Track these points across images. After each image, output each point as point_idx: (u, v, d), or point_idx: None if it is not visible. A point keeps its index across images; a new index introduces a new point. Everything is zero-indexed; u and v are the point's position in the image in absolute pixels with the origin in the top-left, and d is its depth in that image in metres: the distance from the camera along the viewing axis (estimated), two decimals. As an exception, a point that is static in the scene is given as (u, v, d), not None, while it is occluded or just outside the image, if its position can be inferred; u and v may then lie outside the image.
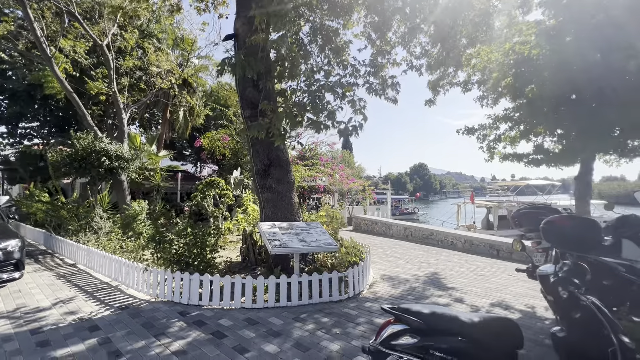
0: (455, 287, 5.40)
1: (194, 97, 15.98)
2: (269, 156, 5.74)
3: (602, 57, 3.54)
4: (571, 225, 3.12)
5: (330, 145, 22.82)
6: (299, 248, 4.56)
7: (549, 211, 4.17)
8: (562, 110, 4.78)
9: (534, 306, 4.52)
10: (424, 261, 7.73)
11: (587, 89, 3.84)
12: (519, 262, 7.61)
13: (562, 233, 3.12)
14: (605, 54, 3.54)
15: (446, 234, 10.54)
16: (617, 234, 4.14)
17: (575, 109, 4.52)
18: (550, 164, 5.51)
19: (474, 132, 6.91)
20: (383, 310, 2.21)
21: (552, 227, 3.19)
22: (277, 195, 5.73)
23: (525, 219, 4.29)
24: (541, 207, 4.27)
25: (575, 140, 4.58)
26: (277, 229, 4.99)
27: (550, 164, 5.52)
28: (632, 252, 3.90)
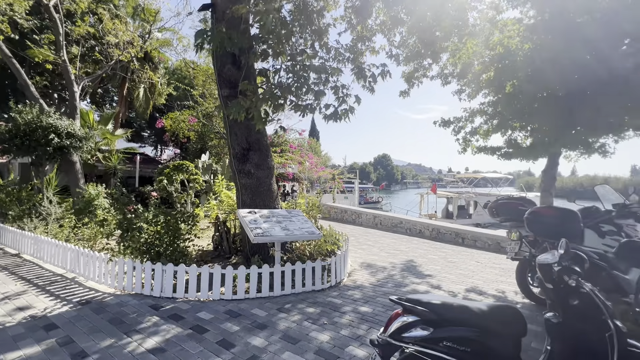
0: (431, 274, 5.58)
1: (156, 74, 14.74)
2: (248, 139, 5.42)
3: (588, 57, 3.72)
4: (554, 215, 3.29)
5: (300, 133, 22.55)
6: (283, 236, 4.38)
7: (526, 202, 4.40)
8: (536, 107, 5.00)
9: (504, 291, 4.80)
10: (397, 249, 7.92)
11: (567, 87, 4.02)
12: (483, 249, 8.09)
13: (546, 223, 3.29)
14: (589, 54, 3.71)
15: (414, 223, 10.91)
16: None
17: (550, 106, 4.75)
18: (520, 158, 5.81)
19: (450, 124, 7.08)
20: (391, 301, 2.14)
21: (536, 217, 3.35)
22: (256, 181, 5.45)
23: (502, 209, 4.49)
24: (518, 198, 4.48)
25: (546, 136, 4.83)
26: (257, 216, 4.76)
27: (520, 158, 5.82)
28: (593, 241, 4.25)
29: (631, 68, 3.66)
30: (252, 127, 5.38)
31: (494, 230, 9.60)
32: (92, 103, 17.81)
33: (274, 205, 5.62)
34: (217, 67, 5.41)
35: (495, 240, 8.14)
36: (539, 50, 3.80)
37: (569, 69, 4.01)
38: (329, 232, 6.36)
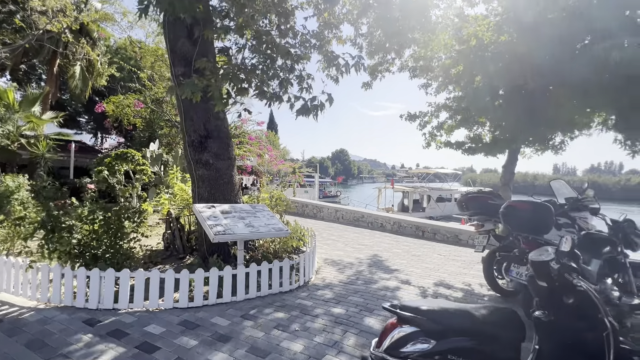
0: (399, 269, 5.51)
1: (95, 50, 13.00)
2: (206, 126, 4.83)
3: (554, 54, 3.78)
4: (530, 209, 3.29)
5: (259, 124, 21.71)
6: (247, 234, 3.93)
7: (495, 196, 4.45)
8: (501, 103, 5.09)
9: (470, 283, 4.86)
10: (361, 243, 7.82)
11: (535, 84, 4.08)
12: (442, 242, 8.32)
13: (522, 217, 3.28)
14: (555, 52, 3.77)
15: (376, 217, 10.97)
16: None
17: (515, 102, 4.85)
18: (483, 153, 5.96)
19: (416, 118, 7.08)
20: (385, 309, 1.88)
21: (513, 211, 3.33)
22: (215, 172, 4.89)
23: (472, 203, 4.49)
24: (487, 192, 4.53)
25: (510, 132, 4.93)
26: (218, 212, 4.24)
27: (483, 153, 5.96)
28: (551, 233, 4.44)
29: (592, 68, 3.78)
30: (211, 112, 4.80)
31: (451, 224, 10.00)
32: (13, 80, 15.26)
33: (235, 199, 5.11)
34: (170, 41, 4.71)
35: (453, 233, 8.42)
36: (511, 44, 3.78)
37: (537, 65, 4.06)
38: (294, 227, 6.00)
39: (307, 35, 5.57)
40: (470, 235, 7.95)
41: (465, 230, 8.18)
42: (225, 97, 4.21)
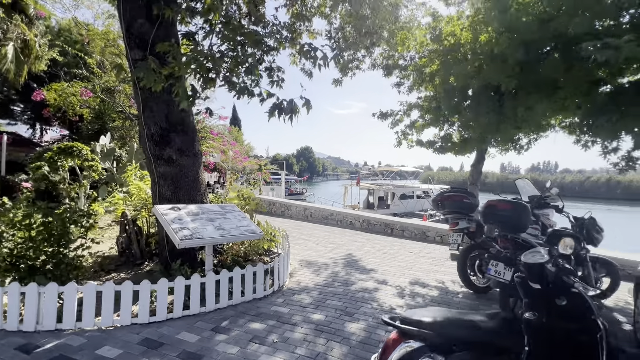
0: (374, 269, 5.44)
1: (32, 30, 11.45)
2: (169, 118, 4.35)
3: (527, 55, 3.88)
4: (511, 209, 3.33)
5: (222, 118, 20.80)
6: (217, 238, 3.58)
7: (469, 195, 4.51)
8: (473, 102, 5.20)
9: (443, 281, 4.91)
10: (332, 242, 7.70)
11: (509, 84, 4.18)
12: (410, 239, 8.47)
13: (503, 216, 3.31)
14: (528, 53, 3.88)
15: (345, 214, 10.94)
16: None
17: (487, 102, 4.97)
18: (454, 152, 6.09)
19: (387, 117, 7.08)
20: (384, 322, 1.71)
21: (494, 210, 3.35)
22: (179, 170, 4.43)
23: (448, 202, 4.52)
24: (462, 190, 4.58)
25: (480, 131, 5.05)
26: (183, 213, 3.82)
27: (453, 152, 6.09)
28: None
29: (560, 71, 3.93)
30: (174, 102, 4.33)
31: (414, 220, 10.25)
32: None
33: (202, 199, 4.69)
34: (126, 20, 4.16)
35: (420, 230, 8.60)
36: (489, 44, 3.82)
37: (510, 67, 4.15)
38: (265, 228, 5.69)
39: (277, 27, 5.26)
40: (438, 232, 8.17)
41: (433, 227, 8.39)
42: (191, 93, 3.78)
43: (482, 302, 4.10)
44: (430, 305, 3.95)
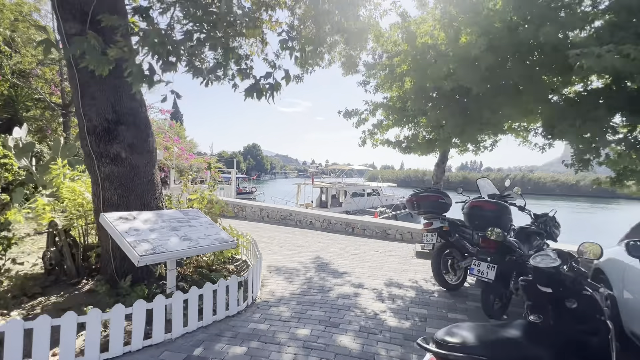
0: (346, 272, 5.28)
1: None
2: (116, 108, 3.63)
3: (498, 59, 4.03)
4: (494, 209, 3.39)
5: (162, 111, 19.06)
6: (186, 250, 3.06)
7: (444, 195, 4.58)
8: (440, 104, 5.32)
9: (416, 280, 4.94)
10: (296, 244, 7.40)
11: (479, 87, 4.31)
12: (372, 237, 8.56)
13: (487, 216, 3.36)
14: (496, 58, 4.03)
15: (305, 214, 10.69)
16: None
17: (455, 104, 5.12)
18: (419, 152, 6.21)
19: (352, 115, 7.00)
20: (421, 347, 1.50)
21: (479, 211, 3.39)
22: (129, 170, 3.74)
23: (424, 202, 4.53)
24: (436, 190, 4.63)
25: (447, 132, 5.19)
26: (138, 222, 3.20)
27: (419, 152, 6.21)
28: None
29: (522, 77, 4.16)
30: (124, 89, 3.65)
31: (379, 219, 10.44)
32: None
33: (158, 204, 4.04)
34: (57, -16, 3.35)
35: (381, 228, 8.75)
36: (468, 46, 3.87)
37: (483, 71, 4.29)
38: (229, 231, 5.17)
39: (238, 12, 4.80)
40: (398, 230, 8.37)
41: (394, 225, 8.58)
42: (147, 73, 3.17)
43: (457, 300, 4.19)
44: (412, 307, 3.91)
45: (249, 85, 3.42)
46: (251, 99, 3.61)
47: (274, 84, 3.44)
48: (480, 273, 3.33)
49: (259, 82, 3.50)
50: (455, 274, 4.52)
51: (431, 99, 5.50)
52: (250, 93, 3.44)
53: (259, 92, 3.37)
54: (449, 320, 3.59)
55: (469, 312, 3.82)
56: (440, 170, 6.15)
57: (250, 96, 3.39)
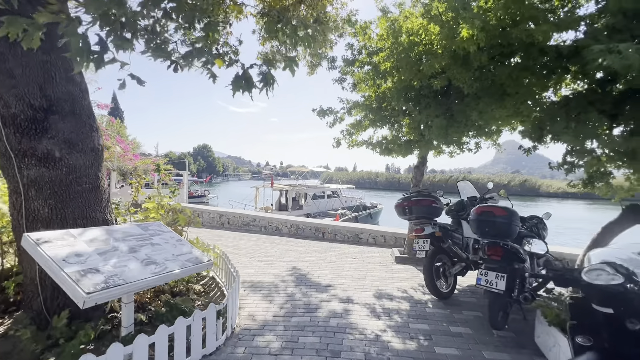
0: (330, 284, 4.81)
1: None
2: (47, 90, 2.75)
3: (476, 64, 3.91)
4: (506, 215, 3.16)
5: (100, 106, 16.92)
6: (152, 279, 2.33)
7: (437, 199, 4.34)
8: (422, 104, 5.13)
9: (404, 289, 4.64)
10: (267, 254, 6.76)
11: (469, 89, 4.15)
12: (343, 242, 8.22)
13: (499, 223, 3.13)
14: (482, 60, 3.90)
15: (270, 219, 10.02)
16: (457, 216, 4.92)
17: (440, 105, 4.95)
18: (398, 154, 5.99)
19: (327, 114, 6.59)
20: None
21: (491, 217, 3.14)
22: (66, 174, 2.86)
23: (417, 207, 4.25)
24: (428, 195, 4.37)
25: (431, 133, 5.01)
26: (81, 244, 2.39)
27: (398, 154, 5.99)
28: (468, 231, 4.73)
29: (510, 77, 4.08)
30: (57, 67, 2.79)
31: (351, 223, 10.13)
32: None
33: (105, 216, 3.18)
34: None
35: (353, 232, 8.45)
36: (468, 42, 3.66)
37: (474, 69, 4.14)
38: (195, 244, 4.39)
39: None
40: (371, 234, 8.13)
41: (366, 229, 8.33)
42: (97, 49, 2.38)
43: (452, 310, 3.95)
44: (412, 322, 3.57)
45: (236, 76, 2.78)
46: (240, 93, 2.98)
47: (266, 74, 2.84)
48: (489, 284, 3.09)
49: (246, 72, 2.87)
50: (446, 281, 4.31)
51: (414, 99, 5.29)
52: (238, 86, 2.80)
53: (248, 83, 2.75)
54: (454, 335, 3.32)
55: (469, 323, 3.59)
56: (420, 173, 5.99)
57: (239, 89, 2.76)
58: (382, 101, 6.01)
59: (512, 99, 4.37)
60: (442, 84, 4.29)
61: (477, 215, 3.27)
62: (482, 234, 3.26)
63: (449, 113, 5.01)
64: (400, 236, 7.75)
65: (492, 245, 3.16)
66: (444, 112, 5.04)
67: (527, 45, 4.12)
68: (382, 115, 5.95)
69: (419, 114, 5.05)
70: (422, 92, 5.12)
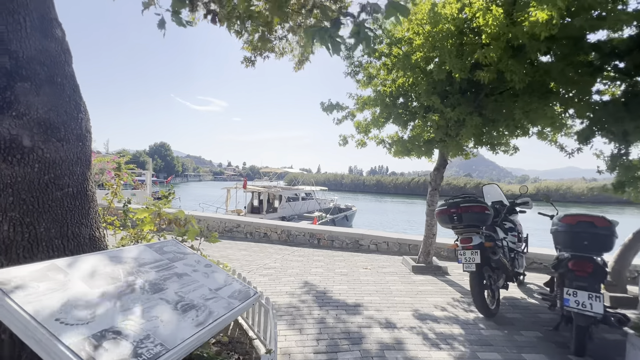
0: (358, 303, 4.15)
1: None
2: (10, 43, 1.79)
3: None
4: (610, 226, 2.73)
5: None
6: (200, 336, 1.50)
7: (487, 205, 3.86)
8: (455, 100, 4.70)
9: (443, 307, 4.11)
10: (266, 266, 5.93)
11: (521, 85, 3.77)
12: (342, 249, 7.60)
13: (601, 235, 2.68)
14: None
15: (257, 225, 9.10)
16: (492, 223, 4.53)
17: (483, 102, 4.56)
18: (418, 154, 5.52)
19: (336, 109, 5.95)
20: None
21: (593, 229, 2.69)
22: (39, 172, 1.91)
23: (467, 214, 3.74)
24: (478, 200, 3.88)
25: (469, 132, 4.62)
26: (78, 283, 1.50)
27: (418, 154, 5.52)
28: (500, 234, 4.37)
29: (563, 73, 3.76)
30: (26, 9, 1.85)
31: (349, 229, 9.52)
32: None
33: (93, 232, 2.24)
34: None
35: (353, 238, 7.86)
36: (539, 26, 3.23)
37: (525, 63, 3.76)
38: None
39: None
40: (372, 239, 7.60)
41: (367, 234, 7.78)
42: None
43: (510, 331, 3.49)
44: (479, 351, 3.04)
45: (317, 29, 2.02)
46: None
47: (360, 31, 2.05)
48: (581, 305, 2.65)
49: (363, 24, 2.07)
50: (493, 296, 3.86)
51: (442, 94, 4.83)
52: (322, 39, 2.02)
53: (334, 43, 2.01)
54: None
55: (539, 348, 3.13)
56: (440, 176, 5.55)
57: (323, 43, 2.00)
58: (397, 97, 5.50)
59: (556, 97, 4.05)
60: (492, 77, 3.85)
61: (572, 227, 2.83)
62: (578, 248, 2.82)
63: (479, 111, 4.62)
64: (404, 242, 7.31)
65: (581, 260, 2.73)
66: (475, 109, 4.64)
67: (576, 38, 3.81)
68: (398, 112, 5.43)
69: (451, 111, 4.58)
70: (452, 87, 4.68)
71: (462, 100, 4.70)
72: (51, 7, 1.99)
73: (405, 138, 5.53)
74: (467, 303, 4.25)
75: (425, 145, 5.35)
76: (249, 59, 8.15)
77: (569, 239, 2.89)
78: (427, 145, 5.34)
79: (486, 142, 4.79)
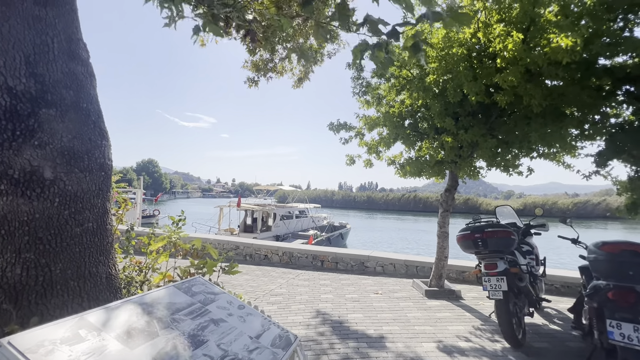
0: (380, 335, 3.93)
1: None
2: (36, 66, 1.62)
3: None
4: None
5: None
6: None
7: (512, 230, 3.77)
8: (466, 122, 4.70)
9: (467, 338, 3.93)
10: (271, 292, 5.66)
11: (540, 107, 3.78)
12: (347, 272, 7.36)
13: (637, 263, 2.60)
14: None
15: (258, 247, 8.79)
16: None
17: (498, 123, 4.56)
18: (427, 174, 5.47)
19: (345, 129, 5.91)
20: None
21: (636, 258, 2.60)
22: (58, 206, 1.71)
23: (493, 239, 3.63)
24: (501, 225, 3.78)
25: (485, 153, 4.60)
26: (112, 340, 1.28)
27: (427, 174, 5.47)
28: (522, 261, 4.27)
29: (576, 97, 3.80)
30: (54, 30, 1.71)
31: (353, 250, 9.29)
32: None
33: (110, 270, 2.02)
34: None
35: (358, 260, 7.65)
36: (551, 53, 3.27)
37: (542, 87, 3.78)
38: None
39: None
40: (378, 262, 7.40)
41: (373, 256, 7.58)
42: None
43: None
44: (518, 390, 2.85)
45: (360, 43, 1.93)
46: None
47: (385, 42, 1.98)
48: (627, 338, 2.52)
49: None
50: (520, 324, 3.71)
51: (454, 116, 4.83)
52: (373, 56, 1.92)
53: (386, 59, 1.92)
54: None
55: (577, 382, 2.98)
56: (451, 197, 5.48)
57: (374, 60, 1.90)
58: (405, 118, 5.49)
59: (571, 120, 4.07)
60: (509, 100, 3.85)
61: (615, 256, 2.73)
62: (622, 278, 2.71)
63: (491, 132, 4.63)
64: (411, 264, 7.14)
65: (623, 290, 2.62)
66: (487, 131, 4.64)
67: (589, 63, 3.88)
68: (406, 133, 5.41)
69: (465, 133, 4.57)
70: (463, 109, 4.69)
71: (474, 122, 4.70)
72: (78, 27, 1.85)
73: (413, 158, 5.49)
74: (490, 332, 4.08)
75: (436, 166, 5.30)
76: (252, 79, 8.16)
77: (611, 268, 2.78)
78: (437, 166, 5.30)
79: (499, 164, 4.75)
